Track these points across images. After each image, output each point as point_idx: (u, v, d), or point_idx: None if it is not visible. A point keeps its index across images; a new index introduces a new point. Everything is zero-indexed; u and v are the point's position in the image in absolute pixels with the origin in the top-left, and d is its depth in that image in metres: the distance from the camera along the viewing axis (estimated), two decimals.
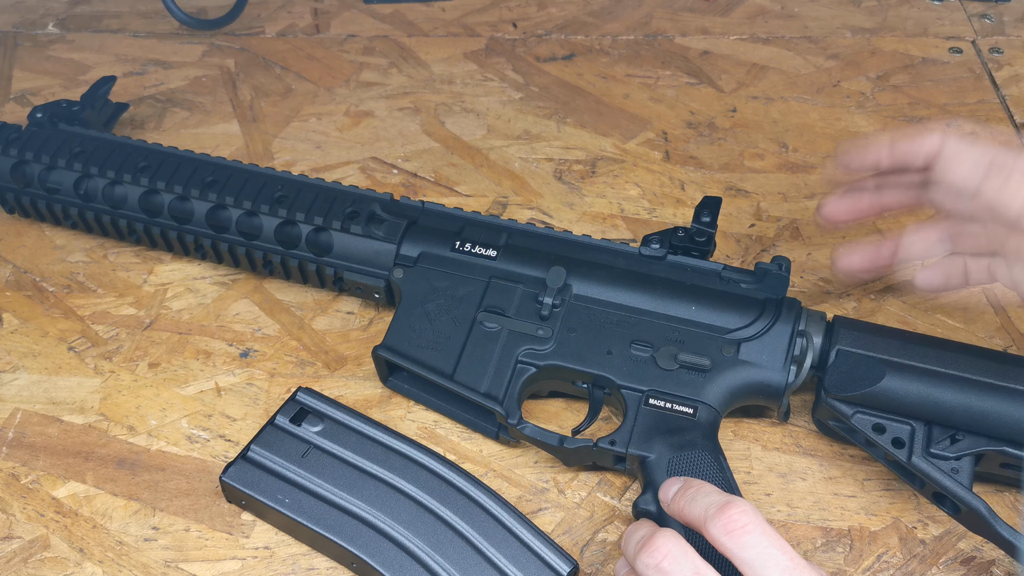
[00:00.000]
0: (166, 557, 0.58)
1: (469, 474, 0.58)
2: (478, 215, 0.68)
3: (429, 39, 0.95)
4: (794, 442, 0.63)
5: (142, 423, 0.65)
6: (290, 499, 0.58)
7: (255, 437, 0.60)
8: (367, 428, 0.60)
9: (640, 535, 0.50)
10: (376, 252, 0.67)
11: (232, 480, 0.59)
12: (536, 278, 0.64)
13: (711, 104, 0.88)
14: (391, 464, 0.59)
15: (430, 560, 0.55)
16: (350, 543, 0.56)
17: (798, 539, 0.58)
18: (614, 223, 0.77)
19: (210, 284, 0.73)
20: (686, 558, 0.48)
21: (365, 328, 0.70)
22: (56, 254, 0.75)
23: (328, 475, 0.59)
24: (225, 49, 0.94)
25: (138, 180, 0.71)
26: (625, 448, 0.59)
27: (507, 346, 0.62)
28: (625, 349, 0.61)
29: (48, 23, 0.98)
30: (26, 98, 0.89)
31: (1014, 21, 0.97)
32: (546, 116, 0.87)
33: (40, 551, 0.58)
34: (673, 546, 0.48)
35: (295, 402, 0.62)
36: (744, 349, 0.60)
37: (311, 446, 0.60)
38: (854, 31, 0.95)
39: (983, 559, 0.57)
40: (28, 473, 0.62)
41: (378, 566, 0.55)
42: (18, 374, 0.67)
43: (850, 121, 0.86)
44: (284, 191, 0.69)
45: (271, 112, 0.87)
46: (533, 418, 0.64)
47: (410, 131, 0.85)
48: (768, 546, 0.47)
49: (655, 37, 0.95)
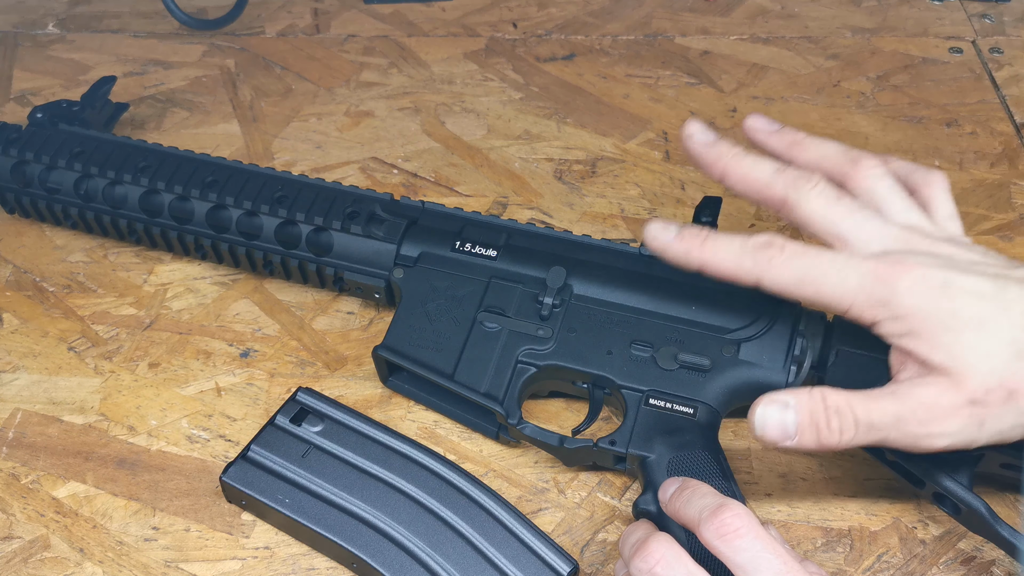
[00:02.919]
0: (166, 557, 0.58)
1: (469, 474, 0.58)
2: (478, 215, 0.68)
3: (429, 39, 0.96)
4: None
5: (142, 423, 0.65)
6: (290, 499, 0.58)
7: (255, 437, 0.60)
8: (367, 428, 0.60)
9: (635, 538, 0.50)
10: (376, 252, 0.67)
11: (232, 480, 0.59)
12: (536, 278, 0.64)
13: (711, 104, 0.88)
14: (391, 464, 0.59)
15: (430, 560, 0.55)
16: (350, 543, 0.56)
17: (798, 539, 0.58)
18: (614, 223, 0.77)
19: (210, 284, 0.73)
20: (679, 563, 0.48)
21: (365, 328, 0.70)
22: (56, 254, 0.75)
23: (328, 475, 0.59)
24: (225, 49, 0.94)
25: (138, 180, 0.71)
26: (625, 448, 0.59)
27: (507, 346, 0.62)
28: (625, 349, 0.61)
29: (48, 23, 0.98)
30: (26, 98, 0.89)
31: (1014, 21, 0.97)
32: (546, 116, 0.87)
33: (40, 551, 0.58)
34: (666, 551, 0.48)
35: (295, 402, 0.62)
36: (744, 349, 0.60)
37: (311, 446, 0.60)
38: (854, 31, 0.95)
39: (983, 559, 0.57)
40: (28, 473, 0.62)
41: (378, 566, 0.55)
42: (18, 374, 0.67)
43: (850, 121, 0.86)
44: (284, 191, 0.69)
45: (271, 112, 0.87)
46: (533, 418, 0.64)
47: (410, 131, 0.85)
48: (761, 550, 0.46)
49: (655, 37, 0.95)
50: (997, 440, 0.49)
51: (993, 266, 0.51)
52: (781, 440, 0.49)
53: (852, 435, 0.49)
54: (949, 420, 0.48)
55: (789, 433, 0.48)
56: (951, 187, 0.56)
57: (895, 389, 0.49)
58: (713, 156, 0.55)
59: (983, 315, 0.48)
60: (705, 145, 0.56)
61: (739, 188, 0.55)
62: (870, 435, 0.49)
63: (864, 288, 0.50)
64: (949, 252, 0.51)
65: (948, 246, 0.52)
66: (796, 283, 0.51)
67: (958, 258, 0.51)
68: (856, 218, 0.52)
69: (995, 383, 0.48)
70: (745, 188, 0.54)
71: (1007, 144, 0.83)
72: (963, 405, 0.48)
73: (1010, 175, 0.80)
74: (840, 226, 0.52)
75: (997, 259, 0.52)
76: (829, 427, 0.49)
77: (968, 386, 0.48)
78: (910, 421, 0.49)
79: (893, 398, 0.49)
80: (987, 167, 0.81)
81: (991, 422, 0.48)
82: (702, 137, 0.56)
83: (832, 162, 0.55)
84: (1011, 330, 0.48)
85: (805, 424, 0.49)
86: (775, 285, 0.52)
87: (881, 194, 0.54)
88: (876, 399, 0.49)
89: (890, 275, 0.49)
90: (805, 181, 0.53)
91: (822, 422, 0.49)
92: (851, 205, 0.53)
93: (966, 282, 0.49)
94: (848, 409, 0.49)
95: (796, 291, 0.52)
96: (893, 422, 0.49)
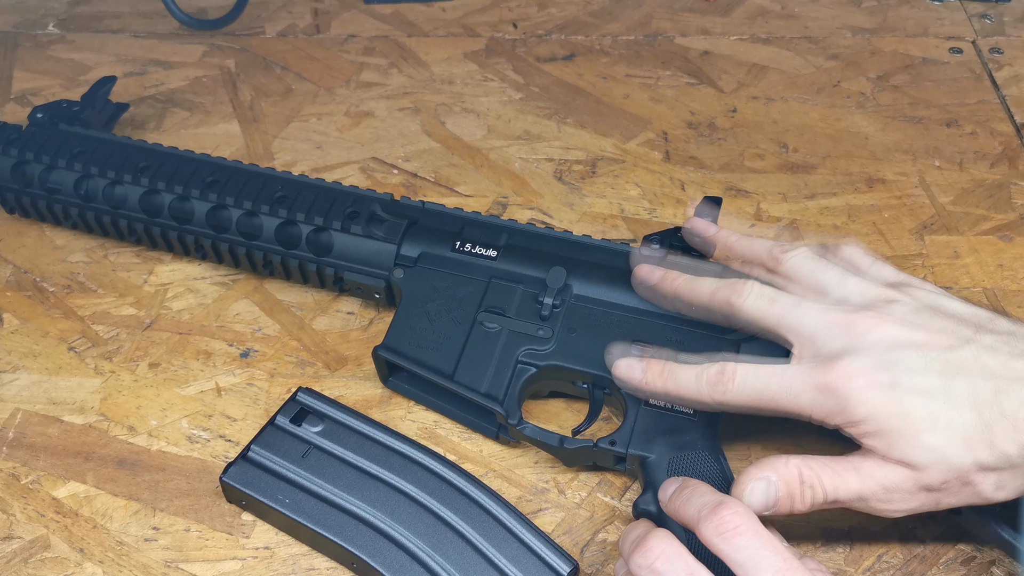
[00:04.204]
0: (166, 557, 0.58)
1: (469, 474, 0.58)
2: (478, 215, 0.68)
3: (429, 39, 0.96)
4: (794, 442, 0.63)
5: (142, 423, 0.65)
6: (290, 499, 0.58)
7: (255, 437, 0.60)
8: (367, 428, 0.60)
9: (635, 535, 0.50)
10: (376, 252, 0.67)
11: (232, 480, 0.59)
12: (536, 278, 0.64)
13: (711, 104, 0.88)
14: (391, 464, 0.59)
15: (430, 560, 0.55)
16: (350, 543, 0.56)
17: (798, 539, 0.58)
18: (614, 223, 0.77)
19: (210, 284, 0.73)
20: (679, 559, 0.48)
21: (365, 328, 0.70)
22: (56, 254, 0.75)
23: (328, 475, 0.59)
24: (225, 49, 0.94)
25: (138, 180, 0.71)
26: (625, 448, 0.59)
27: (507, 346, 0.62)
28: (625, 349, 0.61)
29: (48, 23, 0.98)
30: (26, 98, 0.89)
31: (1014, 21, 0.97)
32: (546, 116, 0.87)
33: (40, 551, 0.58)
34: (666, 546, 0.48)
35: (295, 402, 0.62)
36: (744, 349, 0.60)
37: (311, 446, 0.60)
38: (854, 31, 0.95)
39: (983, 559, 0.57)
40: (28, 473, 0.62)
41: (378, 566, 0.55)
42: (18, 374, 0.67)
43: (850, 121, 0.86)
44: (284, 191, 0.69)
45: (271, 112, 0.87)
46: (533, 418, 0.64)
47: (410, 131, 0.85)
48: (760, 547, 0.47)
49: (655, 37, 0.95)
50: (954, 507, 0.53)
51: (949, 347, 0.52)
52: (764, 511, 0.52)
53: (821, 503, 0.52)
54: (908, 501, 0.52)
55: (770, 505, 0.52)
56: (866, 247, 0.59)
57: (859, 466, 0.52)
58: (665, 286, 0.60)
59: (934, 413, 0.50)
60: (653, 281, 0.61)
61: (691, 305, 0.59)
62: (835, 505, 0.53)
63: (816, 402, 0.52)
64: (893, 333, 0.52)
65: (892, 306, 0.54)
66: (754, 405, 0.54)
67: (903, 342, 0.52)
68: (796, 312, 0.55)
69: (951, 476, 0.50)
70: (697, 303, 0.59)
71: (1007, 144, 0.83)
72: (921, 490, 0.51)
73: (1010, 175, 0.80)
74: (783, 322, 0.55)
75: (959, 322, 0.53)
76: (802, 498, 0.52)
77: (925, 478, 0.51)
78: (871, 499, 0.52)
79: (857, 476, 0.52)
80: (987, 167, 0.81)
81: (948, 500, 0.52)
82: (650, 276, 0.61)
83: (762, 258, 0.60)
84: (961, 424, 0.50)
85: (783, 496, 0.52)
86: (736, 410, 0.55)
87: (809, 272, 0.57)
88: (843, 475, 0.52)
89: (838, 387, 0.52)
90: (741, 287, 0.57)
91: (796, 495, 0.52)
92: (786, 301, 0.55)
93: (914, 380, 0.51)
94: (819, 484, 0.52)
95: (757, 411, 0.55)
96: (856, 498, 0.52)
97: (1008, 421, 0.49)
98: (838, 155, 0.83)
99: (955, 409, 0.50)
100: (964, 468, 0.50)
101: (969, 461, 0.50)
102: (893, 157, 0.82)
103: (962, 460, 0.50)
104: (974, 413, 0.50)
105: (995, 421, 0.50)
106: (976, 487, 0.51)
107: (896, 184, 0.80)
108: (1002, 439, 0.49)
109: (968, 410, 0.50)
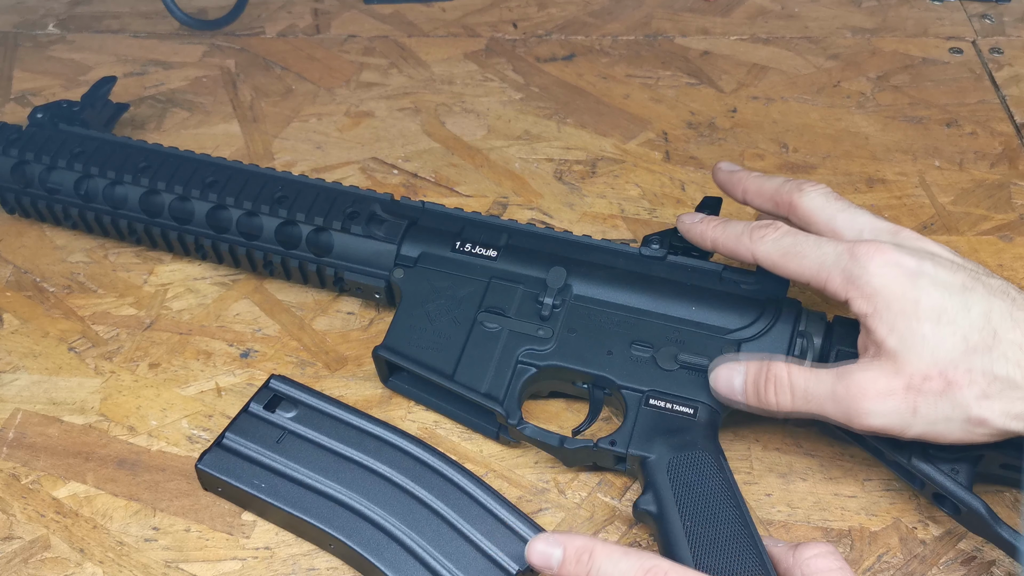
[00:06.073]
0: (166, 557, 0.58)
1: (442, 453, 0.59)
2: (478, 215, 0.68)
3: (429, 39, 0.96)
4: (794, 442, 0.63)
5: (142, 423, 0.65)
6: (266, 484, 0.58)
7: (229, 425, 0.61)
8: (341, 412, 0.61)
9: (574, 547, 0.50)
10: (376, 252, 0.67)
11: (207, 467, 0.59)
12: (536, 278, 0.64)
13: (711, 104, 0.88)
14: (365, 447, 0.59)
15: (407, 538, 0.56)
16: (327, 524, 0.56)
17: (798, 539, 0.58)
18: (614, 223, 0.77)
19: (210, 284, 0.73)
20: None
21: (365, 328, 0.70)
22: (56, 254, 0.75)
23: (303, 459, 0.59)
24: (225, 49, 0.94)
25: (138, 180, 0.71)
26: (625, 448, 0.59)
27: (507, 346, 0.62)
28: (625, 349, 0.61)
29: (48, 23, 0.98)
30: (26, 98, 0.89)
31: (1014, 21, 0.97)
32: (546, 116, 0.87)
33: (40, 551, 0.58)
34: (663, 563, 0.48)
35: (268, 389, 0.62)
36: (744, 349, 0.60)
37: (286, 431, 0.60)
38: (854, 31, 0.95)
39: (983, 559, 0.57)
40: (28, 473, 0.62)
41: (355, 546, 0.56)
42: (18, 374, 0.67)
43: (850, 121, 0.86)
44: (284, 191, 0.69)
45: (271, 112, 0.87)
46: (533, 418, 0.65)
47: (410, 131, 0.86)
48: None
49: (655, 37, 0.95)
50: (930, 432, 0.53)
51: (972, 270, 0.54)
52: (728, 395, 0.57)
53: (789, 400, 0.55)
54: (882, 401, 0.52)
55: (736, 391, 0.56)
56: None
57: (841, 370, 0.54)
58: (735, 179, 0.65)
59: (943, 307, 0.52)
60: (729, 173, 0.65)
61: (756, 201, 0.63)
62: (808, 405, 0.54)
63: (839, 264, 0.54)
64: (934, 248, 0.56)
65: (935, 245, 0.56)
66: (781, 256, 0.57)
67: (939, 254, 0.55)
68: (851, 211, 0.59)
69: (935, 372, 0.51)
70: (761, 198, 0.63)
71: (1007, 144, 0.83)
72: (898, 390, 0.52)
73: (1010, 175, 0.80)
74: (837, 218, 0.58)
75: (976, 265, 0.56)
76: (767, 390, 0.55)
77: (907, 371, 0.52)
78: (844, 397, 0.53)
79: (834, 375, 0.54)
80: (987, 167, 0.81)
81: (924, 409, 0.52)
82: (726, 167, 0.66)
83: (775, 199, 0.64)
84: (966, 328, 0.51)
85: (749, 385, 0.56)
86: (764, 258, 0.58)
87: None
88: (817, 374, 0.54)
89: (864, 254, 0.54)
90: (809, 184, 0.61)
91: (761, 386, 0.55)
92: (846, 202, 0.60)
93: (937, 273, 0.53)
94: (787, 378, 0.55)
95: (781, 264, 0.57)
96: (829, 395, 0.53)
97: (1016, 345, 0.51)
98: (838, 155, 0.83)
99: (964, 312, 0.52)
100: (952, 366, 0.51)
101: (960, 354, 0.51)
102: (893, 157, 0.82)
103: (953, 359, 0.51)
104: (983, 320, 0.51)
105: (1005, 332, 0.51)
106: (959, 392, 0.51)
107: (896, 184, 0.80)
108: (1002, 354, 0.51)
109: (978, 316, 0.51)
